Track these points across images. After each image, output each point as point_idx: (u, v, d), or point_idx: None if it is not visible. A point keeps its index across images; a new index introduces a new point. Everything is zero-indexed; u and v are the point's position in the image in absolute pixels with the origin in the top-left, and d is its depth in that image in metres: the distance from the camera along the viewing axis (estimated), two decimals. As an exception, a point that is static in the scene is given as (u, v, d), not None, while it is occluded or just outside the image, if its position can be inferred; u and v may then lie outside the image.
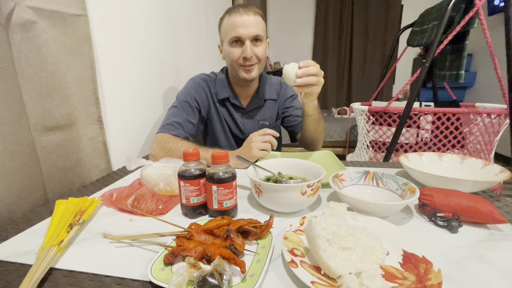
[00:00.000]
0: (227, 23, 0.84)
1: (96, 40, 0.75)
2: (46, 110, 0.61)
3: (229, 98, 0.95)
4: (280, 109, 1.04)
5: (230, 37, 0.83)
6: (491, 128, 1.44)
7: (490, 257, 0.38)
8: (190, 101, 0.90)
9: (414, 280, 0.33)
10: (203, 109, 0.94)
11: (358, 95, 3.59)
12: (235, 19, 0.82)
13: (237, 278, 0.34)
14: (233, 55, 0.85)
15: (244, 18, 0.81)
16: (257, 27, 0.83)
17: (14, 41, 0.55)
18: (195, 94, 0.92)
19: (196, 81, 0.94)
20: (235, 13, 0.82)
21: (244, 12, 0.82)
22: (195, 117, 0.92)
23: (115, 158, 0.84)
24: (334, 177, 0.57)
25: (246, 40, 0.83)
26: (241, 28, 0.81)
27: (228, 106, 0.97)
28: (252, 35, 0.83)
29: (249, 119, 0.99)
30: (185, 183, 0.49)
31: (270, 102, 1.01)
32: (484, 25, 1.26)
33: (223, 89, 0.95)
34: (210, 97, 0.95)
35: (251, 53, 0.84)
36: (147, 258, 0.39)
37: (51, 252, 0.38)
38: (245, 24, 0.81)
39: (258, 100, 0.99)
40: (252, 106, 0.98)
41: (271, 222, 0.43)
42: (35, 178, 0.60)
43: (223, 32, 0.87)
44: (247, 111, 0.98)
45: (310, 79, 0.67)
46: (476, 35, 2.69)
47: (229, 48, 0.85)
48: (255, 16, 0.83)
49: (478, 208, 0.45)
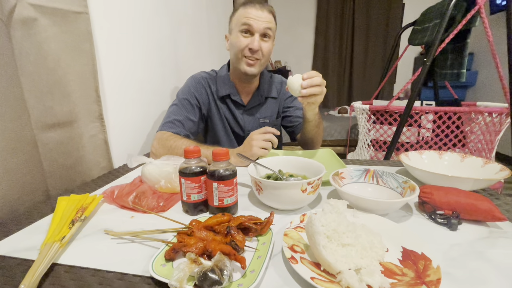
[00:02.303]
0: (241, 13, 0.85)
1: (97, 37, 0.75)
2: (47, 107, 0.62)
3: (230, 95, 0.95)
4: (280, 107, 1.05)
5: (241, 25, 0.85)
6: (492, 127, 1.43)
7: (489, 254, 0.38)
8: (190, 99, 0.91)
9: (413, 276, 0.33)
10: (203, 107, 0.94)
11: (359, 94, 3.58)
12: (250, 11, 0.84)
13: (237, 273, 0.35)
14: (240, 43, 0.85)
15: (259, 12, 0.84)
16: (268, 23, 0.85)
17: (15, 38, 0.55)
18: (195, 91, 0.92)
19: (196, 79, 0.95)
20: (251, 6, 0.84)
21: (260, 8, 0.84)
22: (196, 115, 0.92)
23: (116, 155, 0.85)
24: (334, 175, 0.57)
25: (255, 32, 0.84)
26: (253, 20, 0.83)
27: (229, 103, 0.97)
28: (262, 29, 0.84)
29: (250, 116, 0.99)
30: (186, 180, 0.49)
31: (271, 100, 1.02)
32: (485, 23, 1.26)
33: (224, 86, 0.95)
34: (211, 95, 0.95)
35: (258, 46, 0.85)
36: (148, 254, 0.40)
37: (54, 247, 0.39)
38: (258, 17, 0.84)
39: (259, 97, 0.99)
40: (253, 103, 0.99)
41: (272, 219, 0.43)
42: (36, 175, 0.60)
43: (235, 21, 0.88)
44: (247, 108, 0.98)
45: (315, 89, 0.68)
46: (477, 34, 2.68)
47: (238, 36, 0.86)
48: (269, 14, 0.86)
49: (478, 205, 0.45)
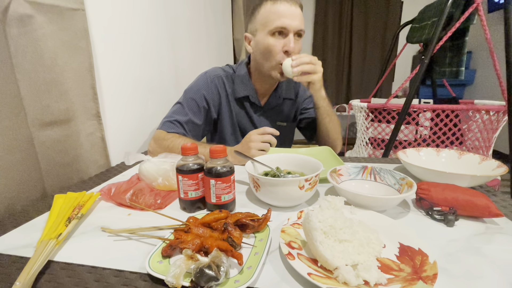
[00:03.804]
0: (271, 10, 0.75)
1: (94, 35, 0.74)
2: (44, 105, 0.61)
3: (249, 96, 0.88)
4: (298, 109, 0.99)
5: (273, 26, 0.75)
6: (490, 125, 1.44)
7: (486, 250, 0.39)
8: (198, 100, 0.84)
9: (410, 272, 0.33)
10: (213, 108, 0.87)
11: (357, 92, 3.58)
12: (282, 8, 0.74)
13: (234, 270, 0.35)
14: (273, 48, 0.76)
15: (292, 9, 0.75)
16: (302, 22, 0.77)
17: (11, 35, 0.55)
18: (205, 92, 0.85)
19: (210, 77, 0.86)
20: (282, 1, 0.75)
21: (292, 3, 0.75)
22: (201, 118, 0.85)
23: (114, 153, 0.84)
24: (332, 172, 0.57)
25: (290, 32, 0.75)
26: (288, 18, 0.74)
27: (245, 105, 0.90)
28: (297, 29, 0.76)
29: (266, 119, 0.93)
30: (183, 177, 0.49)
31: (288, 102, 0.96)
32: (483, 21, 1.26)
33: (242, 87, 0.87)
34: (224, 96, 0.88)
35: (295, 47, 0.76)
36: (145, 251, 0.39)
37: (50, 245, 0.39)
38: (293, 15, 0.75)
39: (276, 98, 0.92)
40: (270, 104, 0.92)
41: (269, 216, 0.43)
42: (33, 173, 0.60)
43: (262, 20, 0.77)
44: (265, 109, 0.92)
45: (305, 67, 0.72)
46: (476, 33, 2.69)
47: (269, 39, 0.76)
48: (300, 10, 0.77)
49: (475, 202, 0.45)
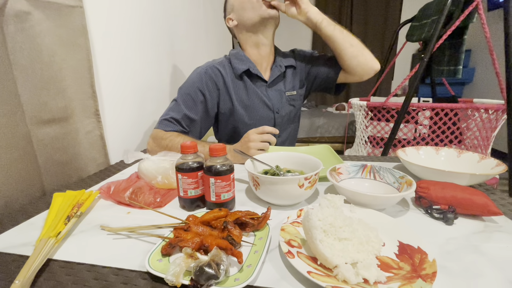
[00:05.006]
0: None
1: (92, 32, 0.74)
2: (42, 102, 0.61)
3: (250, 69, 0.88)
4: (303, 75, 0.98)
5: None
6: (489, 123, 1.44)
7: (485, 248, 0.39)
8: (193, 95, 0.84)
9: (409, 270, 0.33)
10: (210, 100, 0.87)
11: (356, 90, 3.58)
12: None
13: (234, 268, 0.35)
14: None
15: None
16: None
17: (8, 32, 0.54)
18: (199, 85, 0.85)
19: (203, 70, 0.87)
20: None
21: None
22: (197, 112, 0.85)
23: (113, 151, 0.84)
24: (331, 171, 0.57)
25: None
26: None
27: (251, 82, 0.90)
28: None
29: (275, 92, 0.93)
30: (183, 175, 0.49)
31: (290, 71, 0.96)
32: (483, 19, 1.25)
33: (240, 62, 0.88)
34: (223, 84, 0.88)
35: None
36: (144, 249, 0.39)
37: (49, 243, 0.38)
38: None
39: (278, 68, 0.93)
40: (274, 76, 0.92)
41: (269, 214, 0.43)
42: (32, 171, 0.60)
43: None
44: (270, 83, 0.92)
45: None
46: (475, 31, 2.69)
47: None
48: None
49: (474, 200, 0.45)
